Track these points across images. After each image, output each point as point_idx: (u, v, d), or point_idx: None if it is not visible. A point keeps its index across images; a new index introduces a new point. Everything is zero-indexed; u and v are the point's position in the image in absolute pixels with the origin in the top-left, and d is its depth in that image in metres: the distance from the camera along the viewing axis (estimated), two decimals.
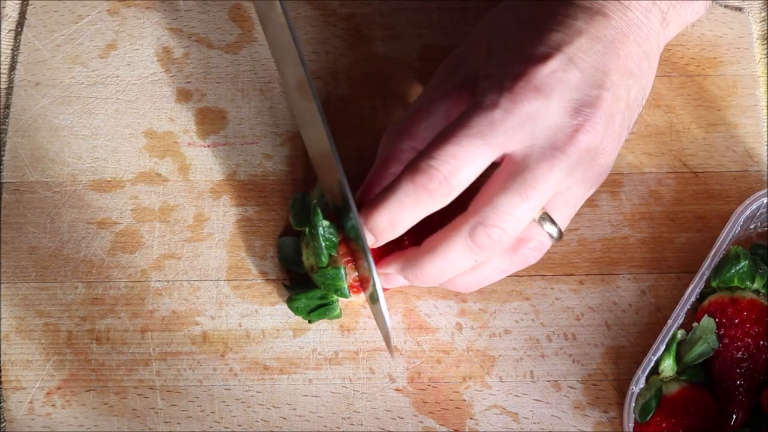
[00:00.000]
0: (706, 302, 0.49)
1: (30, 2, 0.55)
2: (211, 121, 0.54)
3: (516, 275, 0.50)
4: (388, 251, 0.48)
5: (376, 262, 0.48)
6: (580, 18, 0.43)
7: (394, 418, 0.51)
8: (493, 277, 0.47)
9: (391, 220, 0.44)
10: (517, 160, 0.42)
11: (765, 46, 0.55)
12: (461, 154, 0.41)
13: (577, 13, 0.43)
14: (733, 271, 0.48)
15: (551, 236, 0.45)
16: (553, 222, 0.45)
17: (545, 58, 0.42)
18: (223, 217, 0.53)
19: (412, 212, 0.43)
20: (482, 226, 0.42)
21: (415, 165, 0.42)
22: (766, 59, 0.55)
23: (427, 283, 0.46)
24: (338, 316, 0.50)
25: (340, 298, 0.49)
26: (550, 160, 0.42)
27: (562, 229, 0.46)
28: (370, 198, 0.46)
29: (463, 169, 0.42)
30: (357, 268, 0.48)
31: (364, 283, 0.48)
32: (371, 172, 0.49)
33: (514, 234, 0.43)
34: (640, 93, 0.46)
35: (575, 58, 0.42)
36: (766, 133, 0.54)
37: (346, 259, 0.48)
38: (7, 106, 0.54)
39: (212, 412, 0.51)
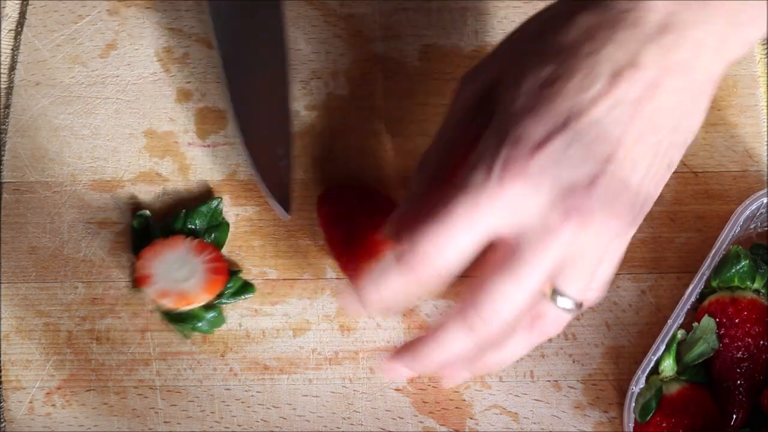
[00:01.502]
0: (706, 302, 0.49)
1: (30, 2, 0.55)
2: (211, 121, 0.54)
3: None
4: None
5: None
6: (603, 76, 0.38)
7: (394, 418, 0.51)
8: (518, 351, 0.44)
9: (379, 297, 0.42)
10: (509, 242, 0.40)
11: (765, 46, 0.55)
12: (444, 234, 0.40)
13: (601, 69, 0.38)
14: (733, 270, 0.48)
15: (567, 310, 0.42)
16: (565, 294, 0.42)
17: (544, 141, 0.38)
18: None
19: (400, 292, 0.41)
20: (473, 308, 0.40)
21: (403, 241, 0.41)
22: (766, 59, 0.55)
23: (438, 373, 0.45)
24: (208, 332, 0.51)
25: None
26: (542, 242, 0.39)
27: (579, 300, 0.42)
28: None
29: (447, 250, 0.40)
30: None
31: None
32: (402, 205, 0.46)
33: (509, 314, 0.41)
34: (681, 137, 0.40)
35: (581, 134, 0.38)
36: (766, 133, 0.54)
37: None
38: (7, 106, 0.54)
39: (212, 412, 0.51)
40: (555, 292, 0.41)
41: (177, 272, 0.49)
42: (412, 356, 0.43)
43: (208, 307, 0.50)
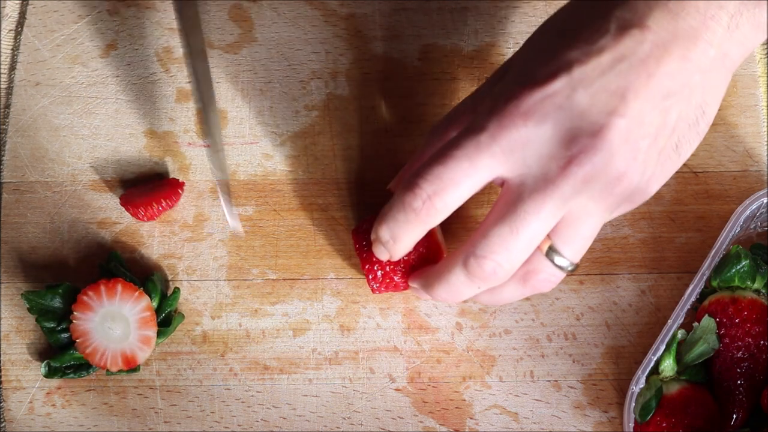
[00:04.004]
0: (706, 302, 0.49)
1: (30, 2, 0.55)
2: None
3: None
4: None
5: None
6: (610, 33, 0.39)
7: (394, 418, 0.51)
8: (510, 299, 0.45)
9: (391, 234, 0.44)
10: (512, 188, 0.41)
11: (765, 46, 0.55)
12: (445, 176, 0.41)
13: (608, 27, 0.39)
14: (734, 270, 0.48)
15: (562, 268, 0.43)
16: (562, 255, 0.42)
17: (545, 80, 0.39)
18: (223, 217, 0.53)
19: (406, 229, 0.43)
20: (474, 257, 0.42)
21: (406, 182, 0.42)
22: (766, 59, 0.55)
23: (447, 302, 0.47)
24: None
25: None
26: (542, 193, 0.40)
27: (575, 261, 0.43)
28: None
29: (448, 191, 0.41)
30: None
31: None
32: (409, 162, 0.49)
33: (509, 265, 0.42)
34: (692, 111, 0.40)
35: (585, 81, 0.39)
36: (766, 133, 0.54)
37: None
38: (7, 106, 0.54)
39: (212, 412, 0.51)
40: (552, 250, 0.42)
41: (112, 331, 0.48)
42: (427, 288, 0.46)
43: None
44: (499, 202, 0.42)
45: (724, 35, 0.39)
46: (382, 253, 0.46)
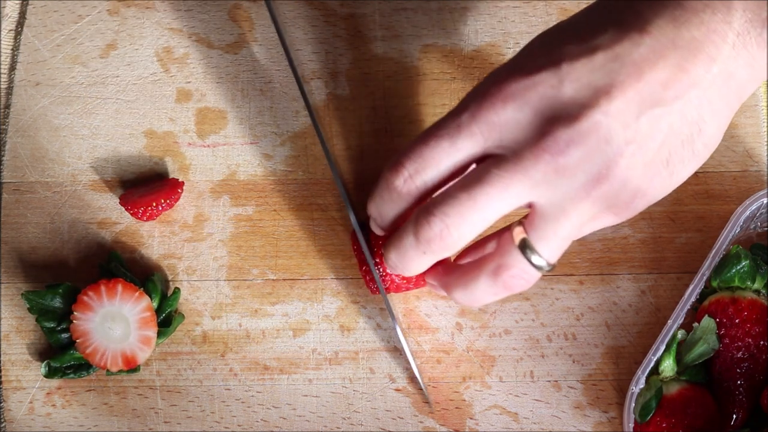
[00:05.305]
0: (706, 302, 0.49)
1: (30, 2, 0.55)
2: (211, 121, 0.54)
3: None
4: None
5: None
6: (608, 33, 0.38)
7: (394, 418, 0.51)
8: (484, 298, 0.44)
9: (378, 210, 0.45)
10: (485, 162, 0.41)
11: None
12: (426, 154, 0.41)
13: (608, 28, 0.39)
14: (734, 270, 0.48)
15: (536, 266, 0.42)
16: (536, 252, 0.41)
17: (533, 70, 0.39)
18: (223, 217, 0.53)
19: (390, 206, 0.44)
20: (425, 214, 0.41)
21: (391, 160, 0.43)
22: None
23: (403, 273, 0.46)
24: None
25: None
26: (510, 170, 0.39)
27: (550, 261, 0.42)
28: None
29: (427, 170, 0.41)
30: None
31: None
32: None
33: (457, 234, 0.41)
34: (686, 127, 0.39)
35: (573, 75, 0.38)
36: (766, 133, 0.54)
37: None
38: (7, 106, 0.54)
39: (212, 412, 0.51)
40: (526, 245, 0.41)
41: (113, 331, 0.48)
42: (384, 249, 0.46)
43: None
44: (470, 172, 0.41)
45: (729, 53, 0.38)
46: (375, 228, 0.47)
